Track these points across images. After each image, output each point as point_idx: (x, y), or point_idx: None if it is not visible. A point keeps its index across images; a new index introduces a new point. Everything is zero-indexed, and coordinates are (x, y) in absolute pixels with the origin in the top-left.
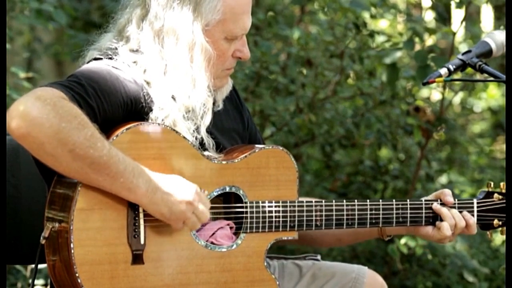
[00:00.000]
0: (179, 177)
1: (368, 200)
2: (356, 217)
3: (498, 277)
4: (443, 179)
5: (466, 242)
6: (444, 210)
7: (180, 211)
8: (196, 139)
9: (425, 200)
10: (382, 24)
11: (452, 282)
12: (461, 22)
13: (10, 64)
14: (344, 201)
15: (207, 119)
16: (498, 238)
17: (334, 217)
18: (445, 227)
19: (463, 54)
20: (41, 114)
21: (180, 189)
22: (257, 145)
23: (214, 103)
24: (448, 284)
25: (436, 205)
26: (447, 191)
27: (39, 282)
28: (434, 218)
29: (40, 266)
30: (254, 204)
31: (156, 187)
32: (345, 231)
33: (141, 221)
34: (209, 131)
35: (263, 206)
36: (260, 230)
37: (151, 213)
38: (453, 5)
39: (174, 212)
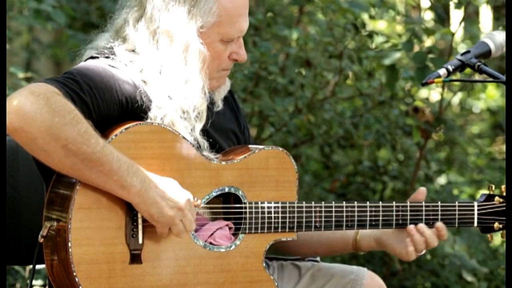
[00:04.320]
0: (175, 181)
1: (367, 202)
2: (356, 218)
3: (497, 277)
4: (442, 179)
5: (465, 242)
6: (416, 237)
7: (169, 216)
8: (194, 139)
9: (425, 204)
10: (381, 25)
11: (451, 282)
12: (460, 23)
13: (9, 64)
14: (344, 202)
15: (202, 121)
16: (497, 239)
17: (333, 219)
18: (411, 250)
19: (462, 54)
20: (34, 109)
21: (173, 195)
22: (256, 146)
23: (213, 104)
24: (447, 284)
25: (411, 228)
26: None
27: (37, 282)
28: (434, 221)
29: (39, 266)
30: (253, 205)
31: (150, 187)
32: (320, 244)
33: (140, 221)
34: (205, 130)
35: (262, 207)
36: (259, 230)
37: (141, 212)
38: (452, 5)
39: (163, 216)
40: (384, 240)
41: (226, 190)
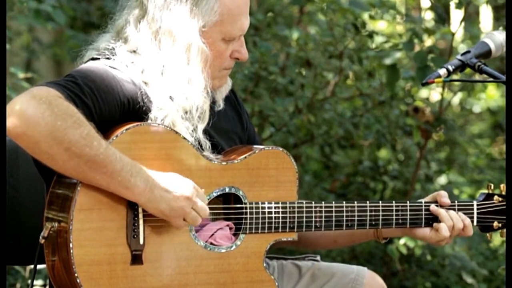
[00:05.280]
0: (176, 174)
1: (367, 202)
2: (356, 218)
3: (498, 278)
4: (442, 179)
5: (465, 243)
6: (441, 211)
7: (179, 207)
8: (195, 139)
9: (425, 202)
10: (381, 25)
11: (451, 282)
12: (460, 23)
13: (9, 64)
14: (344, 202)
15: (204, 120)
16: (497, 239)
17: (333, 218)
18: (443, 228)
19: (462, 54)
20: (36, 113)
21: (178, 185)
22: (257, 146)
23: (215, 103)
24: (447, 284)
25: (433, 207)
26: (443, 193)
27: (38, 282)
28: (434, 220)
29: (39, 266)
30: (254, 205)
31: (154, 185)
32: (341, 233)
33: (141, 222)
34: (207, 132)
35: (262, 207)
36: (260, 231)
37: (150, 211)
38: (452, 5)
39: (173, 209)
40: None
41: (227, 190)
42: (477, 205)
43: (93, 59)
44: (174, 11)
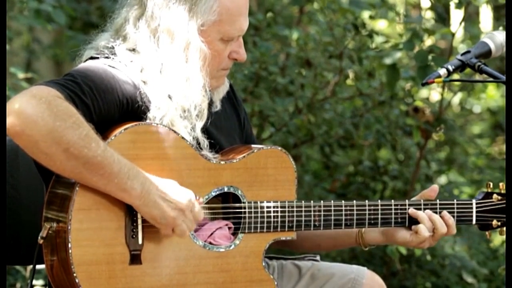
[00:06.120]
0: (175, 182)
1: (366, 201)
2: (355, 217)
3: (498, 278)
4: (442, 179)
5: (465, 242)
6: (419, 213)
7: (171, 217)
8: (193, 138)
9: (424, 201)
10: (381, 24)
11: (451, 282)
12: (460, 23)
13: (9, 64)
14: (343, 201)
15: (203, 119)
16: (497, 239)
17: (332, 218)
18: (422, 229)
19: (462, 54)
20: (35, 113)
21: (174, 195)
22: (255, 145)
23: (211, 103)
24: (447, 284)
25: (412, 210)
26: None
27: (38, 282)
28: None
29: (40, 266)
30: (253, 205)
31: (151, 189)
32: (324, 238)
33: (139, 221)
34: (206, 130)
35: (261, 207)
36: (259, 230)
37: (142, 215)
38: (452, 5)
39: (165, 217)
40: (392, 230)
41: (225, 189)
42: (476, 203)
43: (92, 58)
44: (173, 10)
